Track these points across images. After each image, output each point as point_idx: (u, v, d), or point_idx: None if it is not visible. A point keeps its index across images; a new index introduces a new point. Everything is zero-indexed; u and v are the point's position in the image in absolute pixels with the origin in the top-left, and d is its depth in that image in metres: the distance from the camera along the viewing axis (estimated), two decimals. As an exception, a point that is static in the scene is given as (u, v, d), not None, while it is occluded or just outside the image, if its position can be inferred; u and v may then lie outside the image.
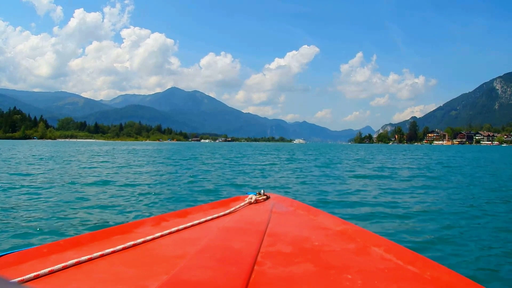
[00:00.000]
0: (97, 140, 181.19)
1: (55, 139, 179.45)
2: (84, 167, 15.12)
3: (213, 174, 13.29)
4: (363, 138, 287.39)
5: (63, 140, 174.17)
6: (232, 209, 1.59)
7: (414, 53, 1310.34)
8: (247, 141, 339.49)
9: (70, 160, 19.96)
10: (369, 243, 1.20)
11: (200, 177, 11.98)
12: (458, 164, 21.32)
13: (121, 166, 16.13)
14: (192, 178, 11.44)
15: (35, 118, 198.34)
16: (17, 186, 8.64)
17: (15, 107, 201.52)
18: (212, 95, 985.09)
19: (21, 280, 0.88)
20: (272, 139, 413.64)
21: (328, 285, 0.90)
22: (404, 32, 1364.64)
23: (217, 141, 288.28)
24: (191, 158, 25.72)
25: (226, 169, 15.46)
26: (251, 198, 1.75)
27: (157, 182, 10.44)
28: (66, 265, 0.96)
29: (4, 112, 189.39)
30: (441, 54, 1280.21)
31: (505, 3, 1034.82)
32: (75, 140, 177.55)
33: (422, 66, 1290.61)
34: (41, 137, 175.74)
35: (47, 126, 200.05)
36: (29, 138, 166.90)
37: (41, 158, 21.45)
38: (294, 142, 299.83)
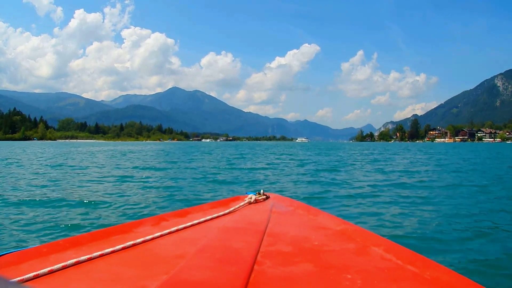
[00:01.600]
0: (97, 141, 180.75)
1: (55, 139, 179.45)
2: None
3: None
4: (364, 137, 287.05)
5: (63, 140, 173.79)
6: (231, 209, 1.59)
7: (414, 53, 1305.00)
8: (248, 140, 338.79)
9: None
10: (369, 243, 1.20)
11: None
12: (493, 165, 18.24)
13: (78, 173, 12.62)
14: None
15: (35, 119, 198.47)
16: None
17: (14, 108, 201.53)
18: (213, 94, 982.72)
19: (21, 280, 0.88)
20: (273, 138, 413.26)
21: (328, 285, 0.90)
22: (404, 32, 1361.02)
23: (218, 140, 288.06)
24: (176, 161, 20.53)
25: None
26: (251, 198, 1.76)
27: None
28: (66, 264, 0.96)
29: (5, 113, 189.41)
30: (442, 54, 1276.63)
31: (505, 3, 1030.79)
32: (75, 140, 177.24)
33: (423, 65, 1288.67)
34: (41, 138, 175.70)
35: (47, 127, 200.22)
36: (29, 139, 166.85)
37: None
38: (297, 141, 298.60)
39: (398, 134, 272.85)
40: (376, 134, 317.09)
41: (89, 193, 7.73)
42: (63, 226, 4.82)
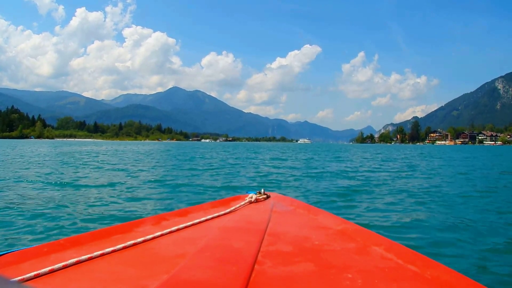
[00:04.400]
0: (95, 140, 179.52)
1: (53, 138, 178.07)
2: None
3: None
4: (364, 138, 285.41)
5: (61, 139, 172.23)
6: (232, 208, 1.59)
7: (414, 53, 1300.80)
8: (248, 140, 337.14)
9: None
10: (370, 242, 1.20)
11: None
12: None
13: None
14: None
15: (33, 117, 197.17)
16: None
17: (12, 106, 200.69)
18: (213, 94, 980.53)
19: (21, 279, 0.87)
20: (273, 139, 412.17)
21: (329, 285, 0.90)
22: (404, 32, 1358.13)
23: (217, 140, 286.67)
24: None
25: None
26: (252, 197, 1.76)
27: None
28: (67, 264, 0.96)
29: (3, 111, 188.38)
30: (442, 54, 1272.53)
31: (505, 3, 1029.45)
32: (73, 139, 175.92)
33: (423, 66, 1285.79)
34: (38, 137, 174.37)
35: (45, 125, 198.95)
36: (26, 137, 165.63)
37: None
38: (299, 142, 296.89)
39: (398, 136, 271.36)
40: (376, 136, 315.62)
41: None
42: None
